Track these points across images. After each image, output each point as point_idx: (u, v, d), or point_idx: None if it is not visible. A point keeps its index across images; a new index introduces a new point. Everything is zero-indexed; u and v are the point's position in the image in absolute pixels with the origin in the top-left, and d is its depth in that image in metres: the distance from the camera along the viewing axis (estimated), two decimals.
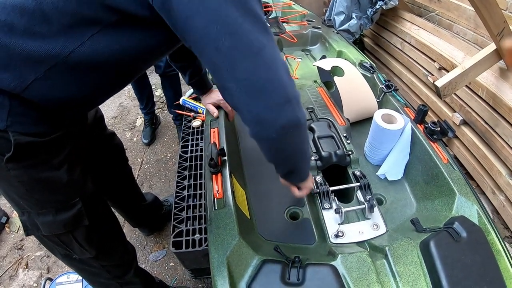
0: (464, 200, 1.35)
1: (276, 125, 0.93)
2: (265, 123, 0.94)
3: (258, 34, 0.86)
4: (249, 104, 0.92)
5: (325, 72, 2.08)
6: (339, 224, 1.34)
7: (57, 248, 1.37)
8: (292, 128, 0.97)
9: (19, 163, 1.08)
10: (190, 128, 2.40)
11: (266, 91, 0.89)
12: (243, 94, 0.90)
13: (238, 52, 0.85)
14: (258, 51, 0.86)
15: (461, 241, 1.17)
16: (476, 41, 2.72)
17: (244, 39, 0.84)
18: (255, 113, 0.92)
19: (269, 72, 0.88)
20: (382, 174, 1.63)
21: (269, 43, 0.89)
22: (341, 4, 3.58)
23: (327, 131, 1.62)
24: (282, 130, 0.95)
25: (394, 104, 1.86)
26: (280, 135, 0.97)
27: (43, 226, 1.25)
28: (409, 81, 3.36)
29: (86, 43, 0.93)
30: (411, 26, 3.32)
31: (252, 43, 0.85)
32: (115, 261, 1.58)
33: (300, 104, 0.97)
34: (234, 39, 0.83)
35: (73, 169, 1.24)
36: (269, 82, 0.88)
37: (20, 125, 1.03)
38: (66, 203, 1.24)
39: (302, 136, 1.09)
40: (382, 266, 1.16)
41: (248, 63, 0.86)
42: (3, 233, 2.87)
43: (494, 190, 2.42)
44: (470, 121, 2.57)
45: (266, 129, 0.95)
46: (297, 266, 1.12)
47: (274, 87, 0.89)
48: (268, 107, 0.90)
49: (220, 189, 1.40)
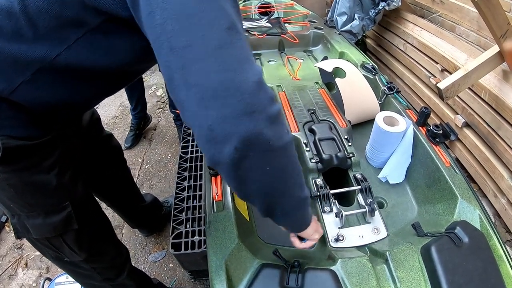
0: (466, 204, 1.34)
1: (230, 140, 0.73)
2: (217, 139, 0.74)
3: (218, 31, 0.74)
4: (199, 116, 0.74)
5: (326, 73, 2.07)
6: (339, 228, 1.33)
7: (48, 250, 1.36)
8: (255, 148, 0.77)
9: (9, 166, 1.08)
10: (190, 129, 2.40)
11: (219, 97, 0.71)
12: (193, 103, 0.74)
13: (191, 51, 0.72)
14: (215, 50, 0.72)
15: (462, 247, 1.16)
16: (479, 43, 2.70)
17: (200, 36, 0.72)
18: (205, 127, 0.73)
19: (225, 74, 0.72)
20: (383, 177, 1.62)
21: (233, 42, 0.75)
22: (343, 5, 3.56)
23: (328, 133, 1.61)
24: (239, 148, 0.74)
25: (396, 106, 1.85)
26: (237, 155, 0.75)
27: (33, 229, 1.25)
28: (411, 82, 3.35)
29: (72, 47, 0.92)
30: (413, 27, 3.31)
31: (208, 41, 0.72)
32: (106, 263, 1.56)
33: (276, 122, 0.78)
34: (189, 36, 0.72)
35: (63, 173, 1.23)
36: (224, 86, 0.72)
37: (9, 128, 1.03)
38: (56, 207, 1.23)
39: (276, 163, 0.84)
40: (383, 271, 1.15)
41: (202, 64, 0.72)
42: (3, 232, 2.86)
43: (496, 193, 2.40)
44: (473, 124, 2.56)
45: (220, 147, 0.75)
46: (296, 271, 1.11)
47: (228, 92, 0.72)
48: (221, 117, 0.72)
49: (219, 192, 1.40)
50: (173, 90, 0.77)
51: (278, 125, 0.78)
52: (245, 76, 0.73)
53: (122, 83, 1.22)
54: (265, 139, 0.76)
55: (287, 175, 0.89)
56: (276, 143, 0.78)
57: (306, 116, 1.76)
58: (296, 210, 1.00)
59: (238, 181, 0.85)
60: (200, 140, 0.78)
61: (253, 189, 0.88)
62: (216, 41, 0.72)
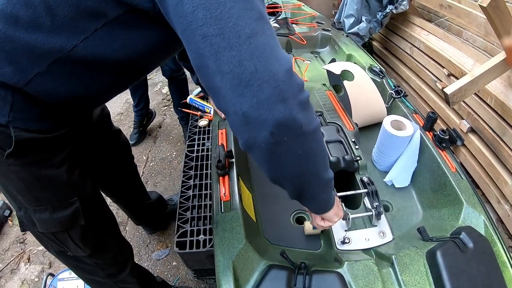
0: (471, 210, 1.34)
1: (266, 125, 0.78)
2: (253, 125, 0.79)
3: (249, 20, 0.76)
4: (234, 103, 0.77)
5: (334, 75, 2.08)
6: (346, 230, 1.34)
7: (52, 244, 1.37)
8: (289, 133, 0.81)
9: (20, 159, 1.08)
10: (196, 127, 2.40)
11: (254, 84, 0.75)
12: (228, 90, 0.77)
13: (223, 39, 0.74)
14: (247, 38, 0.75)
15: (467, 252, 1.17)
16: (486, 48, 2.70)
17: (231, 25, 0.74)
18: (241, 113, 0.78)
19: (258, 62, 0.75)
20: (389, 181, 1.62)
21: (264, 32, 0.77)
22: (351, 7, 3.57)
23: (336, 136, 1.61)
24: (274, 133, 0.79)
25: (403, 110, 1.86)
26: (272, 140, 0.80)
27: (39, 223, 1.25)
28: (417, 86, 3.35)
29: (90, 38, 0.92)
30: (420, 31, 3.30)
31: (240, 29, 0.74)
32: (109, 259, 1.56)
33: (306, 107, 0.82)
34: (220, 24, 0.74)
35: (73, 169, 1.23)
36: (258, 74, 0.75)
37: (23, 120, 1.03)
38: (64, 202, 1.23)
39: (307, 146, 0.88)
40: (388, 275, 1.15)
41: (234, 51, 0.75)
42: (6, 226, 2.88)
43: (499, 199, 2.41)
44: (478, 129, 2.56)
45: (255, 132, 0.80)
46: (303, 273, 1.12)
47: (263, 80, 0.75)
48: (256, 104, 0.76)
49: (227, 192, 1.40)
50: (206, 77, 0.80)
51: (308, 110, 0.83)
52: (278, 64, 0.76)
53: (136, 77, 1.22)
54: (298, 124, 0.80)
55: (317, 158, 0.94)
56: (307, 127, 0.83)
57: None
58: (323, 191, 1.06)
59: (271, 165, 0.91)
60: (235, 125, 0.83)
61: (286, 172, 0.93)
62: (248, 29, 0.74)
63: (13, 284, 2.44)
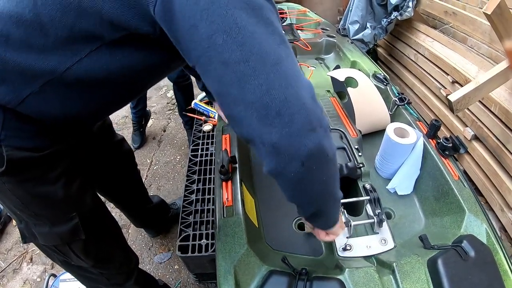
0: (473, 218, 1.34)
1: (297, 157, 0.76)
2: (283, 155, 0.76)
3: (274, 46, 0.73)
4: (262, 133, 0.74)
5: (338, 82, 2.08)
6: (347, 237, 1.34)
7: (55, 255, 1.36)
8: (318, 161, 0.81)
9: (13, 177, 1.06)
10: (201, 132, 2.41)
11: (284, 115, 0.72)
12: (254, 119, 0.74)
13: (248, 66, 0.71)
14: (273, 65, 0.72)
15: (469, 260, 1.17)
16: (490, 55, 2.70)
17: (256, 51, 0.71)
18: (270, 144, 0.75)
19: (287, 91, 0.72)
20: (392, 188, 1.62)
21: (288, 57, 0.75)
22: (356, 13, 3.58)
23: (339, 143, 1.62)
24: (305, 163, 0.78)
25: (407, 118, 1.86)
26: (302, 170, 0.79)
27: (40, 236, 1.24)
28: (422, 93, 3.35)
29: (84, 60, 0.89)
30: (425, 38, 3.31)
31: (266, 55, 0.71)
32: (114, 269, 1.55)
33: (328, 134, 0.82)
34: (244, 50, 0.70)
35: (70, 183, 1.21)
36: (287, 104, 0.72)
37: (15, 139, 1.02)
38: (62, 217, 1.22)
39: (330, 172, 0.89)
40: (389, 282, 1.15)
41: (261, 80, 0.71)
42: (9, 226, 2.89)
43: (502, 207, 2.40)
44: (482, 137, 2.56)
45: (285, 162, 0.78)
46: (304, 279, 1.12)
47: (293, 110, 0.72)
48: (287, 135, 0.73)
49: (230, 197, 1.41)
50: (228, 105, 0.77)
51: (330, 135, 0.83)
52: (305, 91, 0.75)
53: (135, 95, 1.22)
54: (325, 151, 0.80)
55: (335, 180, 0.96)
56: (331, 152, 0.83)
57: None
58: (335, 209, 1.08)
59: (296, 191, 0.92)
60: (261, 154, 0.81)
61: (308, 196, 0.93)
62: (274, 55, 0.72)
63: (15, 283, 2.46)
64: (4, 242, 2.76)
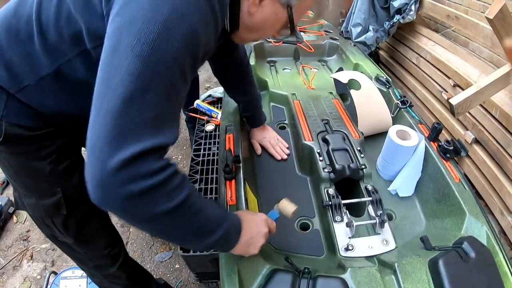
0: (474, 220, 1.35)
1: (95, 203, 0.76)
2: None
3: (117, 97, 0.74)
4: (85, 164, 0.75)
5: (341, 84, 2.10)
6: (350, 237, 1.35)
7: (43, 228, 1.44)
8: (125, 217, 0.81)
9: (9, 148, 1.18)
10: (203, 132, 2.42)
11: (90, 162, 0.73)
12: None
13: (95, 103, 0.77)
14: (105, 114, 0.74)
15: (469, 262, 1.18)
16: (491, 59, 2.72)
17: (100, 94, 0.76)
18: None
19: (98, 141, 0.73)
20: (393, 190, 1.63)
21: (125, 114, 0.74)
22: (358, 16, 3.59)
23: (342, 144, 1.63)
24: (105, 209, 0.78)
25: (409, 121, 1.87)
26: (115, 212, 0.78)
27: (28, 207, 1.35)
28: (423, 96, 3.36)
29: (72, 61, 1.01)
30: (427, 42, 3.32)
31: (104, 102, 0.75)
32: (97, 251, 1.60)
33: (141, 199, 0.76)
34: (101, 88, 0.77)
35: (59, 162, 1.27)
36: (95, 153, 0.73)
37: (15, 117, 1.11)
38: (48, 191, 1.30)
39: (153, 228, 0.87)
40: (391, 282, 1.16)
41: (94, 119, 0.76)
42: (10, 223, 2.90)
43: (502, 211, 2.42)
44: (482, 140, 2.57)
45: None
46: (307, 278, 1.13)
47: (95, 161, 0.73)
48: (87, 179, 0.74)
49: (233, 196, 1.42)
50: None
51: (141, 200, 0.76)
52: (113, 150, 0.72)
53: None
54: (122, 210, 0.77)
55: (177, 235, 0.92)
56: (141, 215, 0.79)
57: (320, 126, 1.79)
58: (208, 248, 1.02)
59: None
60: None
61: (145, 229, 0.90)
62: (110, 105, 0.73)
63: (15, 280, 2.47)
64: (5, 239, 2.77)
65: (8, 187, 3.26)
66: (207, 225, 0.94)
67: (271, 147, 1.84)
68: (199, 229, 0.92)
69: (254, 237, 1.12)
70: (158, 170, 0.77)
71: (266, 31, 1.13)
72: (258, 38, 1.21)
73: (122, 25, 0.76)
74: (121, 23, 0.76)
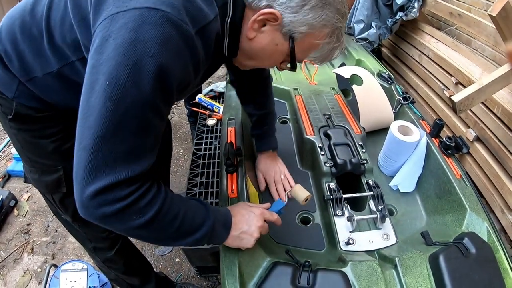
0: (474, 216, 1.35)
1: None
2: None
3: (92, 134, 0.80)
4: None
5: (343, 79, 2.10)
6: (350, 231, 1.35)
7: (49, 203, 1.52)
8: (103, 225, 0.90)
9: (18, 125, 1.25)
10: (204, 126, 2.42)
11: (74, 187, 0.85)
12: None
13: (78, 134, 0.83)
14: (81, 148, 0.82)
15: (470, 257, 1.18)
16: (494, 58, 2.71)
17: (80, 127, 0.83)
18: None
19: (77, 172, 0.84)
20: (394, 185, 1.63)
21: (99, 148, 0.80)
22: (361, 12, 3.58)
23: (343, 139, 1.63)
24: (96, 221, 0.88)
25: (411, 117, 1.87)
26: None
27: (32, 181, 1.44)
28: (425, 94, 3.36)
29: (75, 63, 1.05)
30: (430, 39, 3.31)
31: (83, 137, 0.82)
32: (96, 233, 1.64)
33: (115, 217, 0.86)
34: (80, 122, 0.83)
35: (63, 141, 1.32)
36: (75, 181, 0.84)
37: (25, 98, 1.18)
38: (50, 168, 1.36)
39: (137, 234, 0.97)
40: (391, 276, 1.17)
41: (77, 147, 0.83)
42: (11, 216, 2.91)
43: (503, 209, 2.41)
44: (484, 138, 2.57)
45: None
46: (307, 270, 1.13)
47: (75, 187, 0.85)
48: (74, 197, 0.85)
49: (234, 189, 1.42)
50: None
51: (115, 219, 0.87)
52: (88, 182, 0.81)
53: None
54: (105, 224, 0.89)
55: (160, 239, 1.04)
56: (119, 228, 0.91)
57: (322, 120, 1.79)
58: (195, 244, 1.07)
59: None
60: None
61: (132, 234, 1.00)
62: (85, 142, 0.80)
63: (15, 273, 2.47)
64: (5, 232, 2.78)
65: (9, 181, 3.27)
66: (188, 226, 1.01)
67: (273, 184, 1.64)
68: (180, 231, 0.99)
69: (246, 231, 1.15)
70: (126, 196, 0.84)
71: (265, 60, 1.12)
72: (257, 66, 1.18)
73: (99, 63, 0.79)
74: (98, 61, 0.79)
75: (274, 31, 0.99)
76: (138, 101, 0.80)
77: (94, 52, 0.80)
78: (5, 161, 3.53)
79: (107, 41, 0.78)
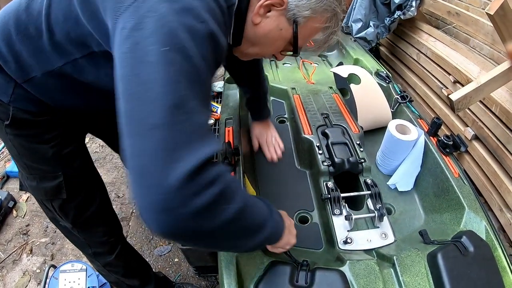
0: (473, 215, 1.35)
1: (154, 231, 0.69)
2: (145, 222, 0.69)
3: (160, 108, 0.68)
4: (133, 194, 0.68)
5: (341, 78, 2.09)
6: (348, 230, 1.35)
7: (46, 210, 1.48)
8: (181, 237, 0.78)
9: (14, 130, 1.23)
10: None
11: (143, 186, 0.67)
12: (130, 177, 0.69)
13: (130, 123, 0.70)
14: (150, 130, 0.67)
15: (468, 256, 1.18)
16: (492, 56, 2.71)
17: (138, 110, 0.69)
18: (138, 208, 0.69)
19: (148, 160, 0.67)
20: (392, 184, 1.63)
21: (173, 124, 0.68)
22: (359, 11, 3.57)
23: (341, 138, 1.63)
24: (166, 235, 0.71)
25: (409, 115, 1.87)
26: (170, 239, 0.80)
27: (29, 188, 1.40)
28: (423, 92, 3.36)
29: (78, 61, 1.04)
30: (428, 38, 3.31)
31: (146, 118, 0.68)
32: (95, 239, 1.63)
33: (207, 211, 0.70)
34: (131, 105, 0.71)
35: (62, 147, 1.32)
36: (145, 174, 0.67)
37: (21, 102, 1.16)
38: (49, 174, 1.34)
39: (214, 240, 0.81)
40: (389, 275, 1.17)
41: (134, 140, 0.69)
42: (9, 217, 2.91)
43: (501, 208, 2.41)
44: (482, 137, 2.57)
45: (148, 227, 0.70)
46: (305, 269, 1.13)
47: (148, 182, 0.66)
48: (142, 207, 0.68)
49: None
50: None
51: (208, 213, 0.71)
52: (170, 166, 0.66)
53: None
54: (191, 230, 0.72)
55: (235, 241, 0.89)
56: (209, 227, 0.73)
57: (320, 119, 1.79)
58: (258, 246, 1.00)
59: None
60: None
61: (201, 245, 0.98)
62: (154, 119, 0.68)
63: (14, 274, 2.47)
64: (4, 233, 2.78)
65: (8, 182, 3.26)
66: (259, 218, 0.92)
67: (265, 145, 1.83)
68: (253, 224, 0.89)
69: (290, 239, 1.13)
70: (217, 177, 0.72)
71: (268, 46, 1.12)
72: (259, 54, 1.17)
73: (143, 37, 0.71)
74: (142, 36, 0.72)
75: (279, 16, 0.99)
76: (199, 63, 0.75)
77: (132, 31, 0.73)
78: (3, 162, 3.52)
79: (147, 17, 0.72)
